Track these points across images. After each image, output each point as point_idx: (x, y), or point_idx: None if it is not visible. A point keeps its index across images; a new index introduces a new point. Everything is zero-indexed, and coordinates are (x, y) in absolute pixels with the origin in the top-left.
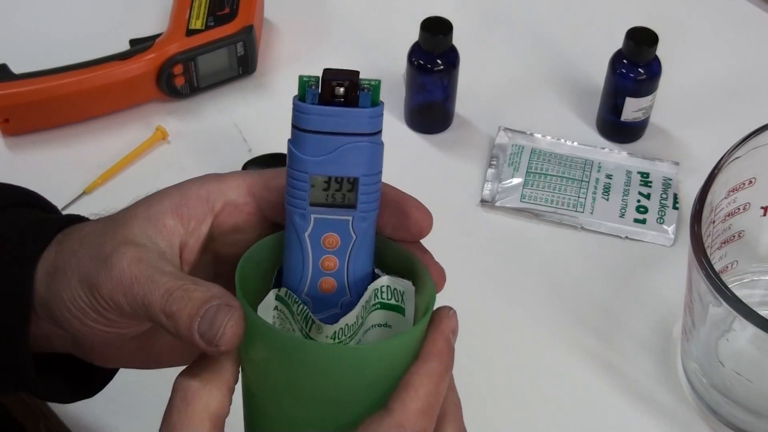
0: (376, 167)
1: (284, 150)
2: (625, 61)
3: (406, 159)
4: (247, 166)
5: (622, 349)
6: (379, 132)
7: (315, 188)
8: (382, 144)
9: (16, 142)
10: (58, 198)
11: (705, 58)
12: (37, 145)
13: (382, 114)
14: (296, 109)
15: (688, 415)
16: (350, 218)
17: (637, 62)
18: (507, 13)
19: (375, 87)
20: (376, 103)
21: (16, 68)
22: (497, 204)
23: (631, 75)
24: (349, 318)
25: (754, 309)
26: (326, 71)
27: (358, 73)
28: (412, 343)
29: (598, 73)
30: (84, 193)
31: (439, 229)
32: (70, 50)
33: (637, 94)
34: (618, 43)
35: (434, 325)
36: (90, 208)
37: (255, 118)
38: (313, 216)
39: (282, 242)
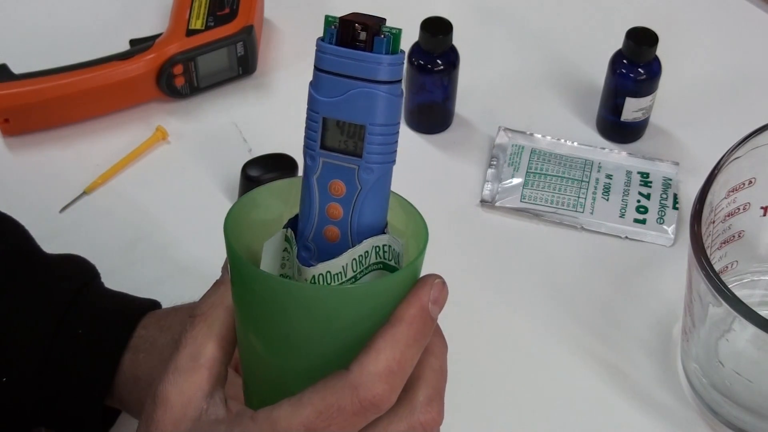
0: (388, 118)
1: (284, 150)
2: (625, 61)
3: (406, 159)
4: (247, 166)
5: (622, 349)
6: (394, 82)
7: (328, 131)
8: (397, 96)
9: (16, 142)
10: (58, 198)
11: (705, 58)
12: (37, 145)
13: (400, 64)
14: (316, 48)
15: (688, 415)
16: (356, 167)
17: (637, 62)
18: (507, 13)
19: (395, 35)
20: (394, 51)
21: (16, 68)
22: (497, 204)
23: (631, 75)
24: (333, 266)
25: (754, 309)
26: (351, 14)
27: (381, 19)
28: (384, 293)
29: (598, 73)
30: (84, 193)
31: (439, 229)
32: (70, 50)
33: (637, 94)
34: (618, 43)
35: (413, 291)
36: (90, 208)
37: (255, 118)
38: (321, 159)
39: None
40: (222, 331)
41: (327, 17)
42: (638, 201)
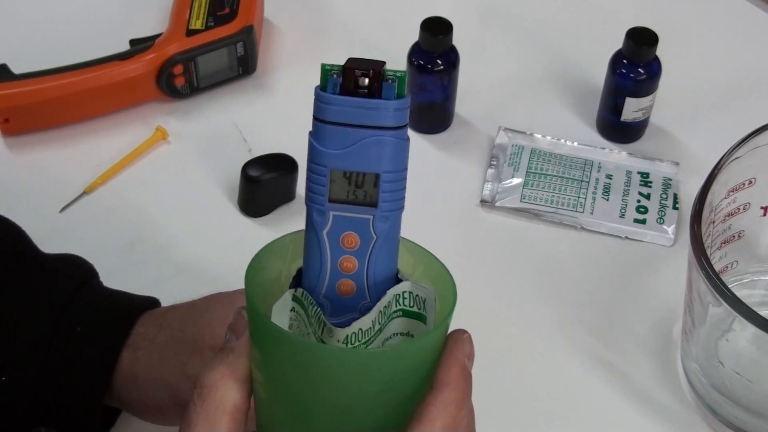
0: (401, 164)
1: (284, 150)
2: (625, 61)
3: None
4: (247, 166)
5: (622, 349)
6: (405, 126)
7: (335, 183)
8: (407, 139)
9: (16, 142)
10: (58, 198)
11: (705, 58)
12: (37, 145)
13: (408, 107)
14: (317, 99)
15: (688, 415)
16: (371, 217)
17: (637, 62)
18: (507, 13)
19: (401, 78)
20: (401, 95)
21: (16, 68)
22: (497, 204)
23: (631, 75)
24: (364, 323)
25: (754, 309)
26: (350, 60)
27: (383, 63)
28: (425, 352)
29: (598, 73)
30: (84, 193)
31: (439, 229)
32: (70, 50)
33: (637, 94)
34: (618, 43)
35: (448, 351)
36: (90, 208)
37: (255, 118)
38: (331, 213)
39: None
40: (236, 403)
41: (324, 66)
42: (638, 201)
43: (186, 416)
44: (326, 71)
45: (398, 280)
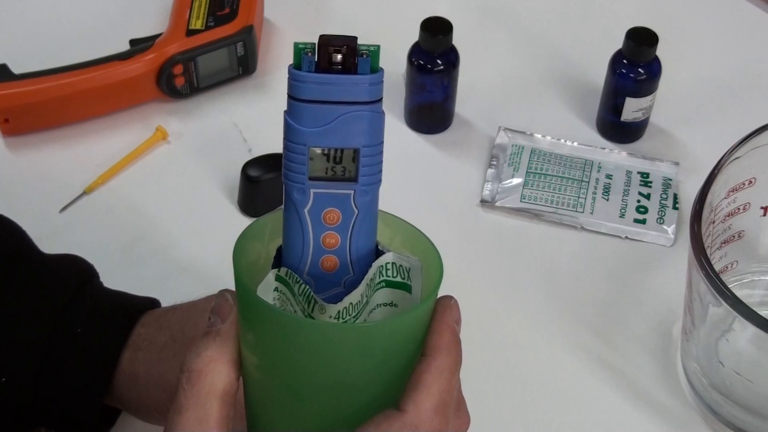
0: (378, 137)
1: None
2: (625, 61)
3: (406, 159)
4: (247, 166)
5: (622, 349)
6: (380, 100)
7: (313, 161)
8: (383, 113)
9: (16, 142)
10: (58, 198)
11: (705, 58)
12: (37, 145)
13: (383, 81)
14: (292, 78)
15: (688, 415)
16: (352, 192)
17: (637, 62)
18: (507, 13)
19: (374, 53)
20: (375, 69)
21: (16, 68)
22: (497, 204)
23: (631, 75)
24: (354, 297)
25: (754, 309)
26: (322, 37)
27: (356, 38)
28: (419, 321)
29: (598, 73)
30: (84, 193)
31: (439, 229)
32: (70, 50)
33: (637, 94)
34: (618, 43)
35: (438, 317)
36: (90, 208)
37: (255, 118)
38: (312, 191)
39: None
40: (226, 387)
41: (296, 44)
42: (638, 201)
43: (175, 402)
44: (299, 49)
45: (379, 252)
